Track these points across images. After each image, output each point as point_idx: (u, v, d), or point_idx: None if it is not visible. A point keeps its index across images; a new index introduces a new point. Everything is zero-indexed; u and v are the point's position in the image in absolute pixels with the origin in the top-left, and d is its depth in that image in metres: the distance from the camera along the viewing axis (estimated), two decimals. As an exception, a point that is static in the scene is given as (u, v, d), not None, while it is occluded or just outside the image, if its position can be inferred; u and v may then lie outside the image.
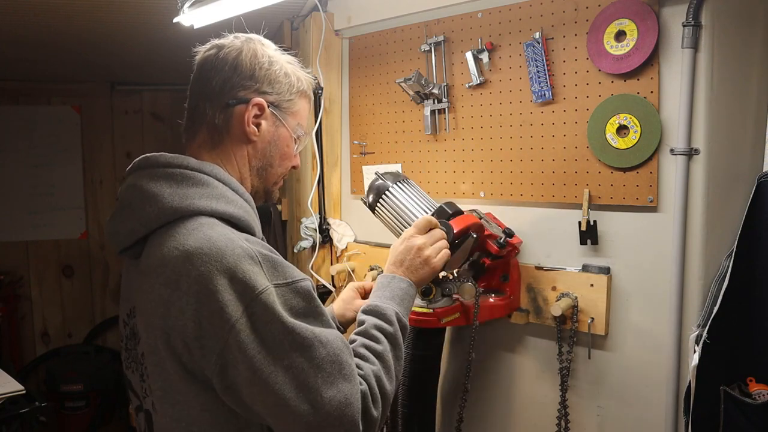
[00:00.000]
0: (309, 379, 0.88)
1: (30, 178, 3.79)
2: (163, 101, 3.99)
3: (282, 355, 0.87)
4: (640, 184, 1.43)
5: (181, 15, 1.75)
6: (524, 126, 1.62)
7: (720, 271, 1.39)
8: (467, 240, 1.40)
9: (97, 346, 3.96)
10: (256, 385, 0.87)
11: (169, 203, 0.94)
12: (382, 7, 1.92)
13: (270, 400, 0.87)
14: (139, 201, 0.97)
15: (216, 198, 0.97)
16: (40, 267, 3.87)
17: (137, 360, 0.99)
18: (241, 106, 1.03)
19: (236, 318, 0.86)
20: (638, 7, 1.38)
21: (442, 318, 1.43)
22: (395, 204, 1.43)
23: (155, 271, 0.91)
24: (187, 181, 0.97)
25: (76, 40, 2.55)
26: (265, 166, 1.09)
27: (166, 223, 0.94)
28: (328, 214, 2.18)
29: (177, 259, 0.89)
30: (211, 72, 1.03)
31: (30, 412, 2.24)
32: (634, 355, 1.48)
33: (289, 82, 1.07)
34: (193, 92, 1.07)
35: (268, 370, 0.86)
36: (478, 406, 1.80)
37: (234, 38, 1.06)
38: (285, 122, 1.08)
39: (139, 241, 0.97)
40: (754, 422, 1.32)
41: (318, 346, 0.90)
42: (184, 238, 0.90)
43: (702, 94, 1.34)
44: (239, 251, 0.89)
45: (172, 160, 1.00)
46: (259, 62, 1.04)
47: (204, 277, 0.86)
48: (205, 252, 0.88)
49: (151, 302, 0.91)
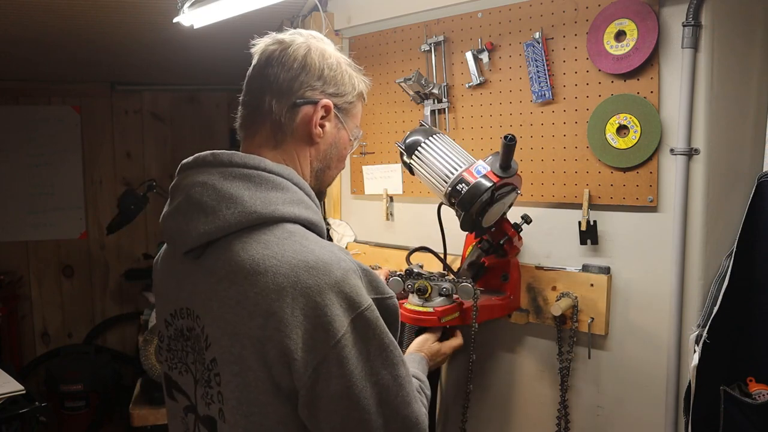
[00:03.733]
0: (390, 396, 0.91)
1: (30, 178, 3.79)
2: (163, 101, 3.99)
3: (376, 372, 0.90)
4: (640, 184, 1.43)
5: (181, 15, 1.75)
6: (524, 126, 1.62)
7: (720, 271, 1.39)
8: (511, 194, 1.41)
9: (97, 346, 3.96)
10: (345, 400, 0.87)
11: (251, 207, 0.91)
12: (382, 7, 1.92)
13: (355, 415, 0.88)
14: (215, 202, 0.92)
15: (297, 203, 0.95)
16: (40, 267, 3.88)
17: (204, 364, 0.95)
18: (309, 106, 1.01)
19: (342, 333, 0.86)
20: (638, 7, 1.38)
21: (441, 317, 1.43)
22: (428, 160, 1.44)
23: (245, 278, 0.87)
24: (266, 183, 0.94)
25: (76, 40, 2.55)
26: (324, 168, 1.07)
27: (246, 228, 0.91)
28: (328, 214, 2.18)
29: (278, 269, 0.86)
30: (277, 68, 1.00)
31: (30, 412, 2.23)
32: (634, 355, 1.48)
33: (352, 84, 1.06)
34: (254, 87, 1.03)
35: (360, 385, 0.88)
36: (478, 406, 1.80)
37: (296, 34, 1.04)
38: (346, 125, 1.07)
39: (210, 242, 0.93)
40: (754, 422, 1.32)
41: (401, 365, 0.93)
42: (279, 248, 0.88)
43: (702, 94, 1.34)
44: (344, 265, 0.89)
45: (247, 161, 0.96)
46: (328, 63, 1.02)
47: (312, 290, 0.85)
48: (312, 265, 0.87)
49: (236, 309, 0.88)
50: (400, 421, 0.92)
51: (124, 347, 4.05)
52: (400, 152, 1.51)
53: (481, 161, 1.41)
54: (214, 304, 0.91)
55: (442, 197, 1.44)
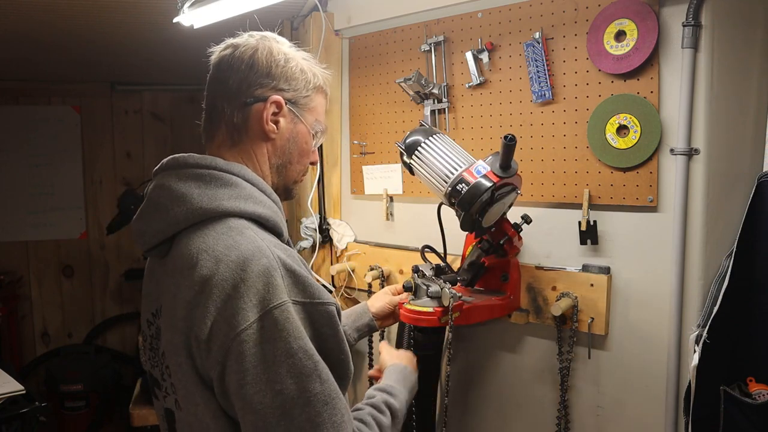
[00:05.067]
0: (295, 410, 0.85)
1: (30, 178, 3.78)
2: (163, 101, 3.99)
3: (276, 378, 0.85)
4: (640, 184, 1.43)
5: (181, 15, 1.75)
6: (524, 126, 1.62)
7: (720, 271, 1.39)
8: (511, 194, 1.41)
9: (97, 346, 3.96)
10: (240, 400, 0.86)
11: (198, 204, 0.94)
12: (382, 7, 1.92)
13: (249, 418, 0.86)
14: (167, 201, 0.96)
15: (244, 199, 0.97)
16: (40, 267, 3.87)
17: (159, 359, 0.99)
18: (259, 104, 1.03)
19: (243, 327, 0.85)
20: (638, 7, 1.38)
21: (441, 317, 1.42)
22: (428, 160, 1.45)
23: (182, 273, 0.91)
24: (216, 181, 0.97)
25: (77, 40, 2.55)
26: (285, 164, 1.09)
27: (194, 224, 0.94)
28: (328, 214, 2.18)
29: (205, 262, 0.89)
30: (227, 71, 1.03)
31: (30, 412, 2.23)
32: (634, 355, 1.48)
33: (306, 79, 1.07)
34: (210, 92, 1.07)
35: (257, 388, 0.84)
36: (478, 406, 1.80)
37: (248, 37, 1.06)
38: (303, 119, 1.08)
39: (166, 240, 0.97)
40: (754, 422, 1.32)
41: (315, 380, 0.87)
42: (214, 242, 0.90)
43: (702, 94, 1.34)
44: (264, 261, 0.88)
45: (200, 161, 1.00)
46: (275, 59, 1.04)
47: (227, 283, 0.86)
48: (232, 258, 0.88)
49: (176, 302, 0.91)
50: None
51: (124, 347, 4.05)
52: (400, 152, 1.51)
53: (481, 161, 1.41)
54: (166, 297, 0.96)
55: (442, 197, 1.44)
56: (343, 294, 2.16)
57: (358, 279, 2.07)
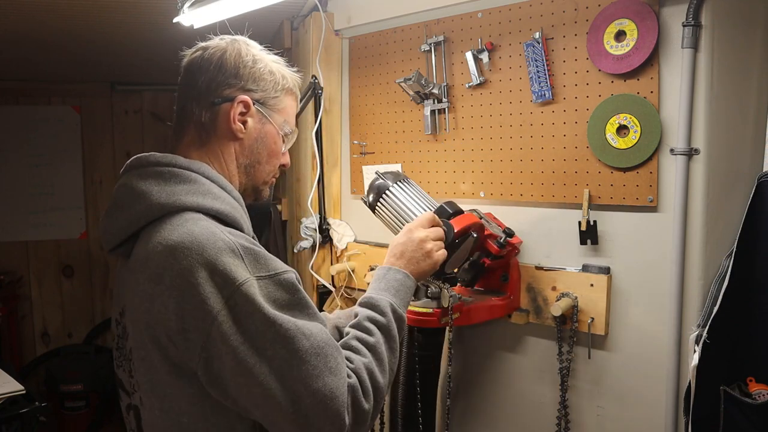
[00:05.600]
0: (293, 371, 0.88)
1: (30, 178, 3.79)
2: (163, 101, 3.99)
3: (265, 347, 0.87)
4: (640, 184, 1.43)
5: (181, 15, 1.75)
6: (524, 126, 1.62)
7: (720, 271, 1.39)
8: (467, 240, 1.40)
9: (97, 346, 3.96)
10: (242, 376, 0.87)
11: (157, 200, 0.95)
12: (382, 7, 1.92)
13: (256, 391, 0.88)
14: (128, 199, 0.98)
15: (202, 194, 0.98)
16: (40, 267, 3.87)
17: (126, 357, 1.00)
18: (227, 104, 1.04)
19: (218, 310, 0.86)
20: (638, 7, 1.38)
21: (441, 318, 1.42)
22: (395, 203, 1.43)
23: (140, 267, 0.92)
24: (175, 178, 0.98)
25: (77, 40, 2.55)
26: (253, 164, 1.09)
27: (153, 220, 0.95)
28: (328, 214, 2.18)
29: (160, 254, 0.90)
30: (197, 73, 1.05)
31: (30, 412, 2.24)
32: (634, 355, 1.48)
33: (274, 80, 1.08)
34: (180, 94, 1.08)
35: (252, 360, 0.87)
36: (477, 406, 1.80)
37: (219, 39, 1.08)
38: (271, 119, 1.09)
39: (129, 239, 0.98)
40: (754, 422, 1.32)
41: (301, 338, 0.89)
42: (168, 233, 0.91)
43: (702, 94, 1.34)
44: (220, 244, 0.89)
45: (161, 159, 1.01)
46: (243, 61, 1.05)
47: (186, 270, 0.87)
48: (187, 246, 0.88)
49: (137, 298, 0.92)
50: (311, 397, 0.88)
51: (124, 347, 4.05)
52: (363, 200, 1.52)
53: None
54: (129, 295, 0.97)
55: None
56: (343, 294, 2.16)
57: (358, 279, 2.07)
